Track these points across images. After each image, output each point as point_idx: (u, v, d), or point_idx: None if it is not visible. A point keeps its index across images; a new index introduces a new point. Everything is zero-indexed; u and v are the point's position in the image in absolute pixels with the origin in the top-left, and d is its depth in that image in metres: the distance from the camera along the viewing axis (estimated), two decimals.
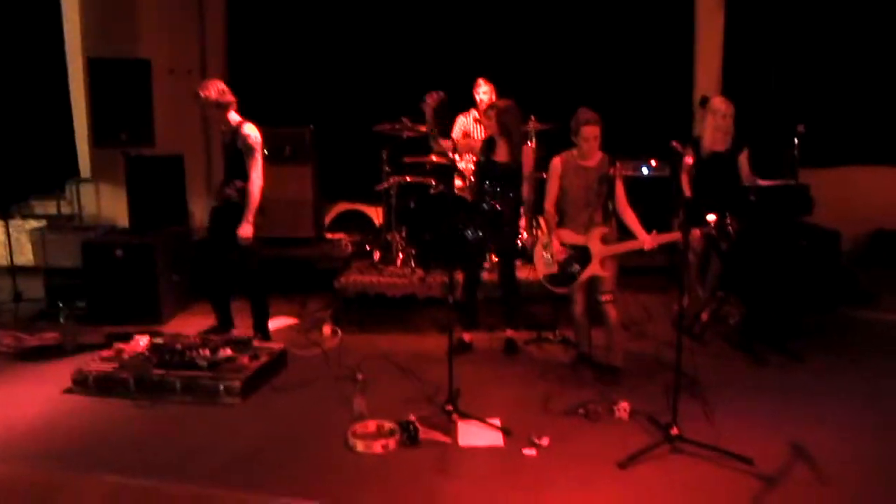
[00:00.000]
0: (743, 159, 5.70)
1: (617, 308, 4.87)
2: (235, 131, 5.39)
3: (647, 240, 4.64)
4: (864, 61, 7.59)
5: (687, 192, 5.52)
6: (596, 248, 4.78)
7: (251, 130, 5.38)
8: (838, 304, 6.24)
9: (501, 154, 5.24)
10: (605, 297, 4.84)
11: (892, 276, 7.21)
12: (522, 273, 6.14)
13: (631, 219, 4.78)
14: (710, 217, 4.44)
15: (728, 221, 4.39)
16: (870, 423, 4.22)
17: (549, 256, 4.96)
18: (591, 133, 4.74)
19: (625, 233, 4.87)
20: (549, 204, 4.98)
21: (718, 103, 5.73)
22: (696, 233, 4.75)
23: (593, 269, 4.79)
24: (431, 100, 5.47)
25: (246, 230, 5.32)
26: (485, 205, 5.25)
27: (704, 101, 5.81)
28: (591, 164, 4.83)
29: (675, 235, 4.63)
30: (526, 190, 5.25)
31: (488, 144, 5.33)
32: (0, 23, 6.85)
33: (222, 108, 5.37)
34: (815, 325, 5.84)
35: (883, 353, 5.33)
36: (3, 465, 3.88)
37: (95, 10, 7.41)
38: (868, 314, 6.21)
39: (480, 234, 5.25)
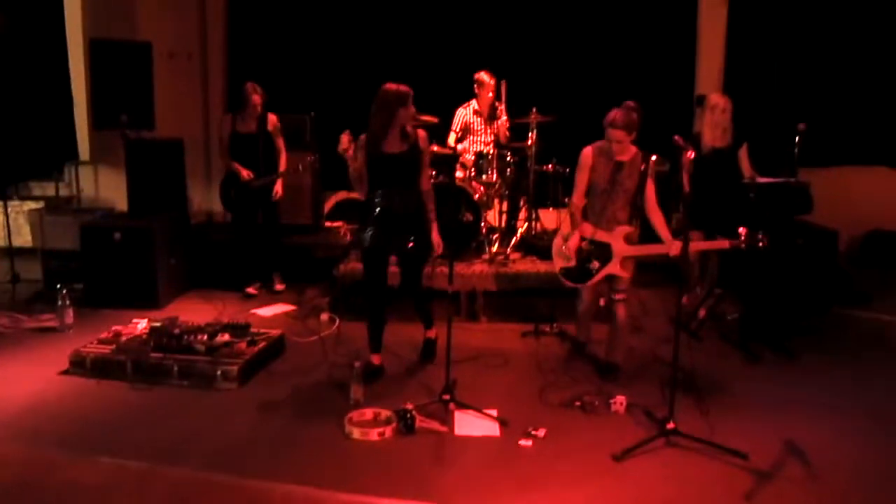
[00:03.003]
0: (742, 154, 5.72)
1: (627, 308, 4.82)
2: (264, 118, 6.45)
3: (674, 245, 4.42)
4: (863, 62, 7.62)
5: (686, 188, 5.55)
6: (619, 247, 4.63)
7: (273, 116, 6.55)
8: (833, 304, 6.27)
9: (393, 145, 4.52)
10: (618, 296, 4.75)
11: (887, 277, 7.26)
12: (522, 265, 6.21)
13: (659, 221, 4.59)
14: (741, 230, 4.25)
15: (760, 237, 4.22)
16: (862, 421, 4.25)
17: (567, 250, 4.81)
18: (615, 136, 4.55)
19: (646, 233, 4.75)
20: (577, 196, 4.77)
21: (716, 99, 5.76)
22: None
23: (612, 268, 4.65)
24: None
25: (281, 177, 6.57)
26: (378, 202, 4.57)
27: (701, 100, 5.84)
28: (623, 159, 4.64)
29: (713, 244, 4.47)
30: (425, 181, 4.66)
31: (377, 135, 4.51)
32: (1, 3, 6.81)
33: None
34: (809, 324, 5.86)
35: (876, 353, 5.37)
36: None
37: None
38: (862, 313, 6.24)
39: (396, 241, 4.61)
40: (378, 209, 4.57)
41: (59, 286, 5.76)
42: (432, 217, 4.70)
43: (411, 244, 4.59)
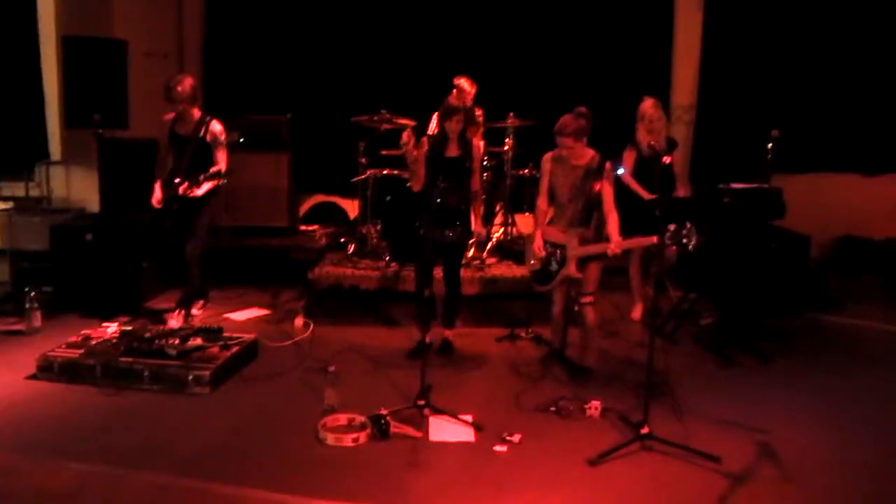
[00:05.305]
0: (667, 158, 5.75)
1: (596, 310, 4.85)
2: (203, 125, 5.62)
3: (612, 244, 4.54)
4: (836, 71, 7.72)
5: (640, 189, 5.69)
6: (572, 249, 4.72)
7: (219, 126, 5.67)
8: (806, 308, 6.33)
9: (452, 150, 5.13)
10: (584, 299, 4.80)
11: (858, 282, 7.35)
12: (498, 270, 6.21)
13: (611, 222, 4.66)
14: (671, 226, 3.97)
15: (685, 232, 3.88)
16: (834, 423, 4.30)
17: (531, 252, 4.95)
18: (563, 143, 4.71)
19: None
20: (540, 200, 4.96)
21: (648, 109, 5.79)
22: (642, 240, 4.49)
23: (568, 270, 4.73)
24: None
25: (200, 190, 5.52)
26: (438, 199, 5.09)
27: None
28: (579, 163, 4.76)
29: (641, 241, 4.51)
30: (476, 182, 5.20)
31: (440, 141, 5.16)
32: None
33: (193, 103, 5.64)
34: (782, 328, 5.91)
35: (847, 356, 5.44)
36: None
37: None
38: (834, 318, 6.31)
39: (445, 232, 5.11)
40: (433, 203, 5.04)
41: (27, 288, 5.66)
42: (478, 212, 5.34)
43: (454, 233, 5.12)
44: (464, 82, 6.51)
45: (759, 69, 7.75)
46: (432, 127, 6.84)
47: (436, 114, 6.84)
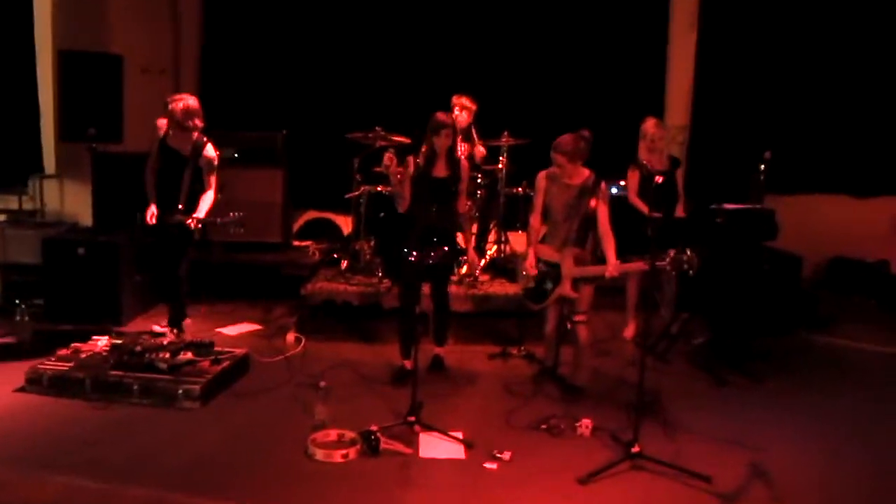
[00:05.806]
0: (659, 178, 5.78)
1: (588, 329, 4.85)
2: (199, 147, 5.49)
3: (610, 267, 4.57)
4: (829, 93, 7.76)
5: (645, 208, 5.61)
6: (567, 268, 4.70)
7: (214, 151, 5.55)
8: (797, 328, 6.35)
9: (440, 170, 5.00)
10: (577, 318, 4.80)
11: (850, 303, 7.37)
12: (491, 287, 6.21)
13: (607, 243, 4.65)
14: (669, 251, 3.98)
15: (686, 258, 3.93)
16: (825, 442, 4.30)
17: (524, 270, 4.94)
18: (556, 160, 4.72)
19: None
20: (533, 218, 4.95)
21: (650, 128, 5.83)
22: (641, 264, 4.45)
23: (563, 289, 4.71)
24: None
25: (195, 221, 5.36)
26: (424, 221, 4.93)
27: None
28: (574, 182, 4.76)
29: (639, 265, 4.51)
30: (462, 205, 5.12)
31: (428, 159, 4.99)
32: None
33: (182, 129, 5.40)
34: (774, 348, 5.92)
35: (838, 377, 5.44)
36: None
37: (68, 3, 7.29)
38: (825, 338, 6.32)
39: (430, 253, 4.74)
40: (419, 225, 4.92)
41: (17, 301, 5.64)
42: (469, 237, 5.34)
43: (441, 252, 4.77)
44: (465, 101, 6.51)
45: (752, 91, 7.79)
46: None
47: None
